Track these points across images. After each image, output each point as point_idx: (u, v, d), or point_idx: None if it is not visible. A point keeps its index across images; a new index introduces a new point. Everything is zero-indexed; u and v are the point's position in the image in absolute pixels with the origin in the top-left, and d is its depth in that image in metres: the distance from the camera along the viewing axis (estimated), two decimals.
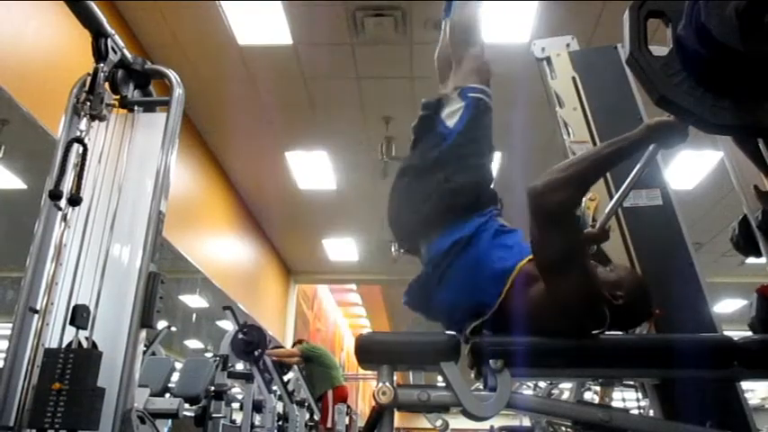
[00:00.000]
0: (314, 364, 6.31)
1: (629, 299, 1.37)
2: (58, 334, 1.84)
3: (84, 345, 1.83)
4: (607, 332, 1.35)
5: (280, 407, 5.49)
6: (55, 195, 1.93)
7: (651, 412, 1.86)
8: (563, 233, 1.32)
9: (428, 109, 1.69)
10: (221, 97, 5.39)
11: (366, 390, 14.88)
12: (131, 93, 2.28)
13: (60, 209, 1.97)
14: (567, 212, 1.33)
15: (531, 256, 1.41)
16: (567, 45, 2.29)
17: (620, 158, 1.43)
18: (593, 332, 1.34)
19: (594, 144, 2.06)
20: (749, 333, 1.50)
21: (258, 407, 5.02)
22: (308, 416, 6.08)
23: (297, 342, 6.68)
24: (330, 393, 6.28)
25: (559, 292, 1.30)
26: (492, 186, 1.64)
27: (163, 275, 1.95)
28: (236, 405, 5.56)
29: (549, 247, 1.32)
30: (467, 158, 1.58)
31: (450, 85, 1.75)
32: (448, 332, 1.38)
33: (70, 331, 1.83)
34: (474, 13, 1.86)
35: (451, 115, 1.63)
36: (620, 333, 1.86)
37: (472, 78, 1.70)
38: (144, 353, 3.23)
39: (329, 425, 6.14)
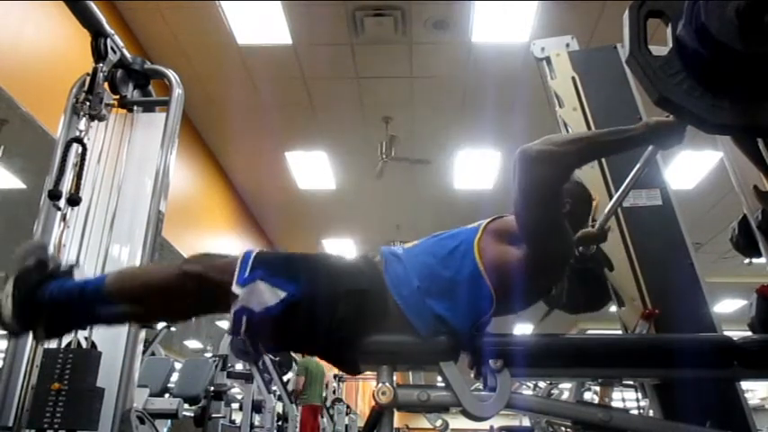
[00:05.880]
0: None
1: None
2: None
3: (84, 345, 1.83)
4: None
5: (279, 407, 5.49)
6: (54, 195, 1.93)
7: (651, 412, 1.85)
8: (546, 206, 1.32)
9: None
10: (221, 97, 5.39)
11: (366, 390, 14.87)
12: (131, 93, 2.28)
13: (59, 209, 1.97)
14: (553, 188, 1.32)
15: (479, 234, 1.39)
16: (567, 45, 2.28)
17: (616, 151, 1.47)
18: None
19: None
20: (749, 333, 1.50)
21: (257, 407, 5.02)
22: None
23: None
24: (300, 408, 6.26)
25: (539, 251, 1.33)
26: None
27: None
28: (235, 405, 5.55)
29: (531, 216, 1.33)
30: None
31: None
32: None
33: None
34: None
35: None
36: (619, 333, 1.87)
37: None
38: (143, 353, 3.23)
39: None
